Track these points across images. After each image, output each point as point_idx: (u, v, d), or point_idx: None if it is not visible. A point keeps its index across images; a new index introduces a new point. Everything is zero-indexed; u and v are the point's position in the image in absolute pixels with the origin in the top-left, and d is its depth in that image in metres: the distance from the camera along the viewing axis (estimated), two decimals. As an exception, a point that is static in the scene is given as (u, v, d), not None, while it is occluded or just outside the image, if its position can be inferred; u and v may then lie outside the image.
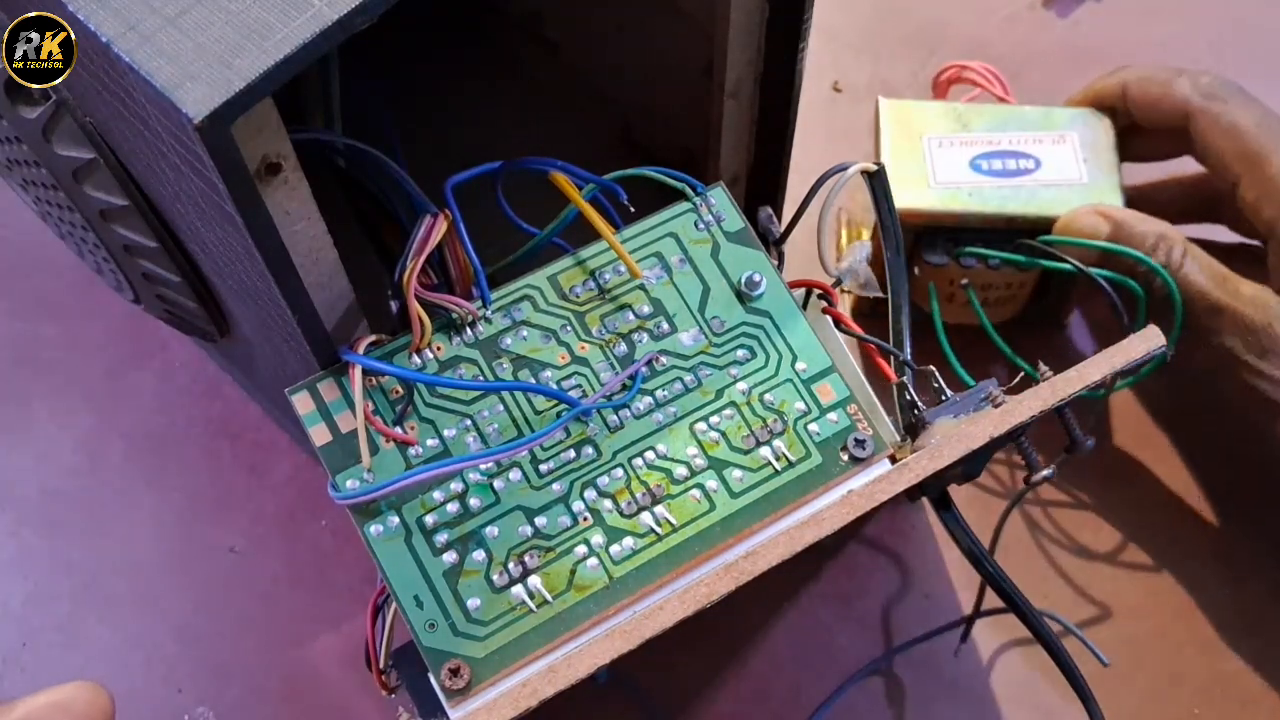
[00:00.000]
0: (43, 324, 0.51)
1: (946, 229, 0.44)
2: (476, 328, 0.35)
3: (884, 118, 0.46)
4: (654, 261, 0.36)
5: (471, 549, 0.32)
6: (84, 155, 0.32)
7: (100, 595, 0.46)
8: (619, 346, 0.35)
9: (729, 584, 0.30)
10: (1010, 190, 0.44)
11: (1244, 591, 0.45)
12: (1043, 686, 0.43)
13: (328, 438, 0.33)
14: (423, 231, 0.33)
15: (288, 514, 0.47)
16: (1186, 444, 0.48)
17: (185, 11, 0.25)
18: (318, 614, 0.45)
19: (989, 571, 0.36)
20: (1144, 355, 0.33)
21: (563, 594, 0.32)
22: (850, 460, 0.34)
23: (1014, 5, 0.58)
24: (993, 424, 0.32)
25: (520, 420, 0.34)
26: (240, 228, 0.27)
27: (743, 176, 0.43)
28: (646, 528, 0.33)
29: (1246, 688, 0.44)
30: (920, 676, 0.44)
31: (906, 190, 0.44)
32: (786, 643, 0.45)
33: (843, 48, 0.57)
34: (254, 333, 0.37)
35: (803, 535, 0.30)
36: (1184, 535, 0.46)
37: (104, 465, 0.48)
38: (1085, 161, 0.44)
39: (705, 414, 0.34)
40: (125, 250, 0.35)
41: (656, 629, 0.29)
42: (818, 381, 0.35)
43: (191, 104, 0.24)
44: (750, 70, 0.39)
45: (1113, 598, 0.45)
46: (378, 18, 0.25)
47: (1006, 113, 0.46)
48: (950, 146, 0.45)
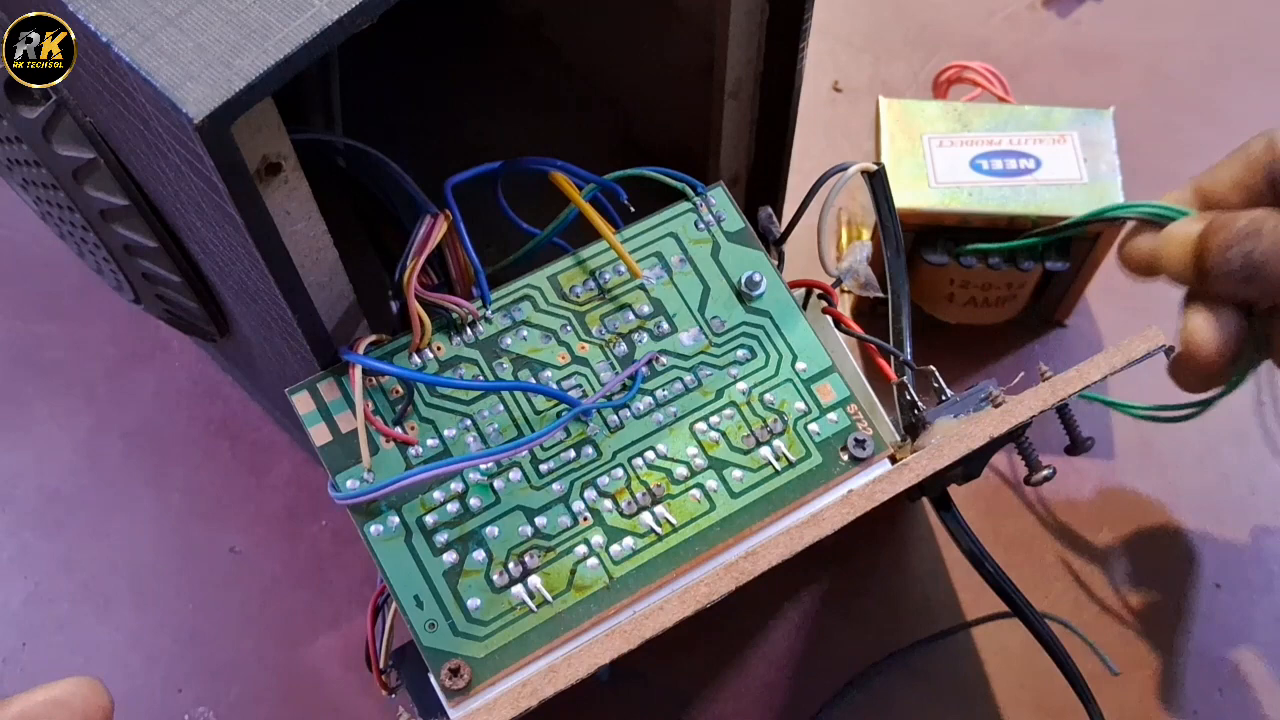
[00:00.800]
0: (43, 324, 0.51)
1: (947, 229, 0.44)
2: (476, 328, 0.35)
3: (884, 117, 0.46)
4: (654, 261, 0.36)
5: (472, 549, 0.32)
6: (84, 155, 0.32)
7: (100, 595, 0.46)
8: (619, 346, 0.35)
9: (729, 584, 0.30)
10: (1011, 190, 0.44)
11: (1244, 591, 0.45)
12: (1043, 688, 0.43)
13: (328, 438, 0.33)
14: (423, 231, 0.33)
15: (288, 514, 0.47)
16: (1188, 444, 0.48)
17: (185, 11, 0.25)
18: (318, 614, 0.45)
19: (989, 572, 0.36)
20: (1144, 355, 0.33)
21: (563, 594, 0.32)
22: (850, 460, 0.34)
23: (1014, 5, 0.58)
24: (993, 424, 0.32)
25: (520, 420, 0.34)
26: (240, 228, 0.27)
27: (743, 176, 0.43)
28: (646, 528, 0.33)
29: (1247, 686, 0.44)
30: (921, 678, 0.44)
31: (907, 190, 0.44)
32: (787, 643, 0.45)
33: (843, 48, 0.57)
34: (254, 333, 0.37)
35: (803, 535, 0.30)
36: (1184, 535, 0.46)
37: (104, 465, 0.48)
38: (1086, 161, 0.44)
39: (705, 414, 0.34)
40: (125, 250, 0.35)
41: (656, 629, 0.29)
42: (818, 381, 0.35)
43: (191, 104, 0.24)
44: (750, 70, 0.39)
45: (1113, 598, 0.45)
46: (378, 18, 0.25)
47: (1006, 112, 0.46)
48: (950, 146, 0.45)
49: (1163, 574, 0.46)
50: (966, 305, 0.46)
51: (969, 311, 0.47)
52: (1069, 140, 0.45)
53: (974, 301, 0.46)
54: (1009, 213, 0.43)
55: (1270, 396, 0.48)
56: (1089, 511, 0.47)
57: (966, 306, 0.46)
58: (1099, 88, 0.55)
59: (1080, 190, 0.43)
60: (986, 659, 0.44)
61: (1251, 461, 0.47)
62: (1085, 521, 0.46)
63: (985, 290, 0.46)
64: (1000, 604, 0.37)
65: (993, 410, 0.33)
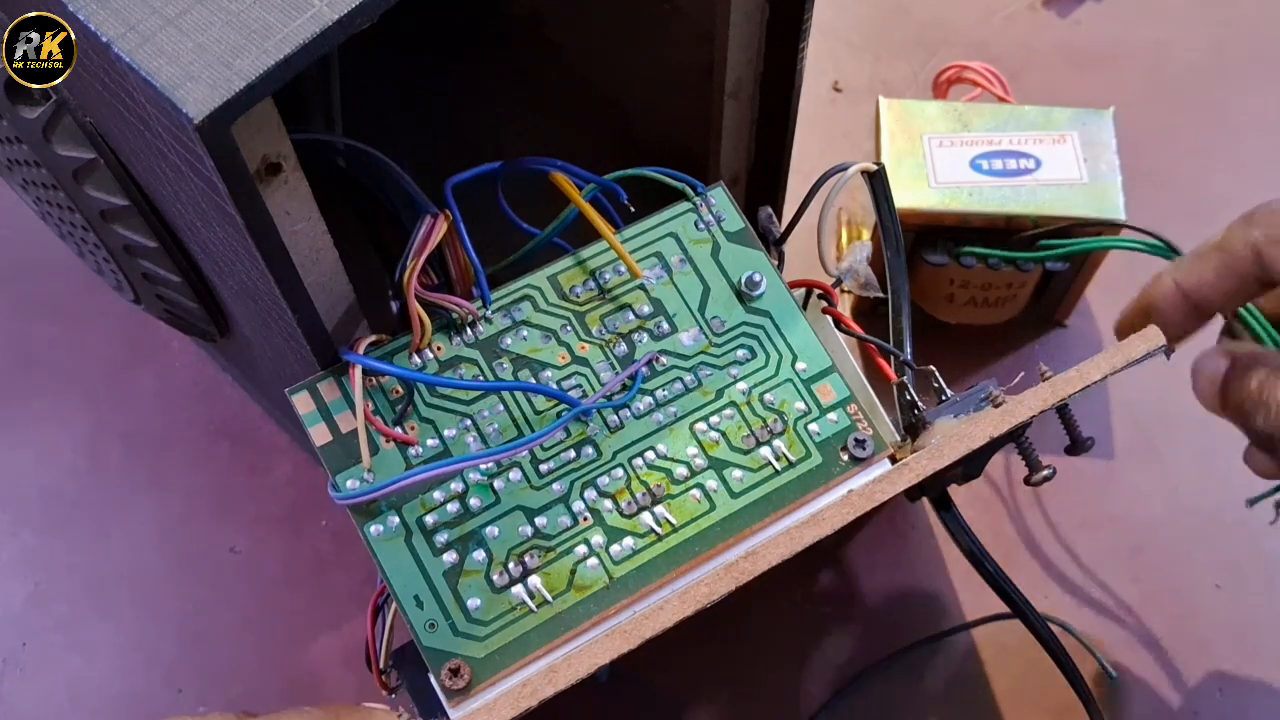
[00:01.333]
0: (43, 324, 0.51)
1: (947, 229, 0.44)
2: (477, 328, 0.35)
3: (884, 117, 0.46)
4: (654, 261, 0.36)
5: (472, 549, 0.32)
6: (84, 155, 0.32)
7: (100, 595, 0.46)
8: (619, 346, 0.35)
9: (729, 584, 0.30)
10: (1010, 190, 0.44)
11: (1244, 591, 0.45)
12: (1043, 688, 0.43)
13: (328, 438, 0.33)
14: (423, 232, 0.33)
15: (288, 514, 0.47)
16: (1188, 444, 0.48)
17: (185, 12, 0.25)
18: (318, 614, 0.45)
19: (989, 572, 0.36)
20: (1144, 355, 0.33)
21: (563, 594, 0.32)
22: (850, 460, 0.34)
23: (1014, 5, 0.58)
24: (993, 424, 0.32)
25: (520, 420, 0.34)
26: (240, 228, 0.27)
27: (743, 176, 0.43)
28: (646, 528, 0.33)
29: (1248, 686, 0.44)
30: (921, 677, 0.44)
31: (907, 190, 0.44)
32: (787, 643, 0.45)
33: (843, 48, 0.57)
34: (254, 333, 0.37)
35: (803, 535, 0.30)
36: (1184, 536, 0.46)
37: (104, 465, 0.48)
38: (1085, 161, 0.44)
39: (705, 414, 0.34)
40: (125, 250, 0.35)
41: (656, 629, 0.29)
42: (818, 381, 0.35)
43: (192, 104, 0.24)
44: (750, 70, 0.39)
45: (1113, 599, 0.45)
46: (378, 18, 0.25)
47: (1007, 112, 0.46)
48: (950, 146, 0.45)
49: (1163, 574, 0.46)
50: (966, 305, 0.46)
51: (969, 311, 0.47)
52: (1069, 140, 0.45)
53: (974, 301, 0.46)
54: (1009, 212, 0.43)
55: None
56: (1089, 512, 0.47)
57: (966, 306, 0.46)
58: (1099, 88, 0.55)
59: (1080, 190, 0.43)
60: (987, 659, 0.44)
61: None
62: (1085, 522, 0.47)
63: (985, 290, 0.46)
64: (1000, 604, 0.37)
65: (993, 410, 0.33)
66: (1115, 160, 0.44)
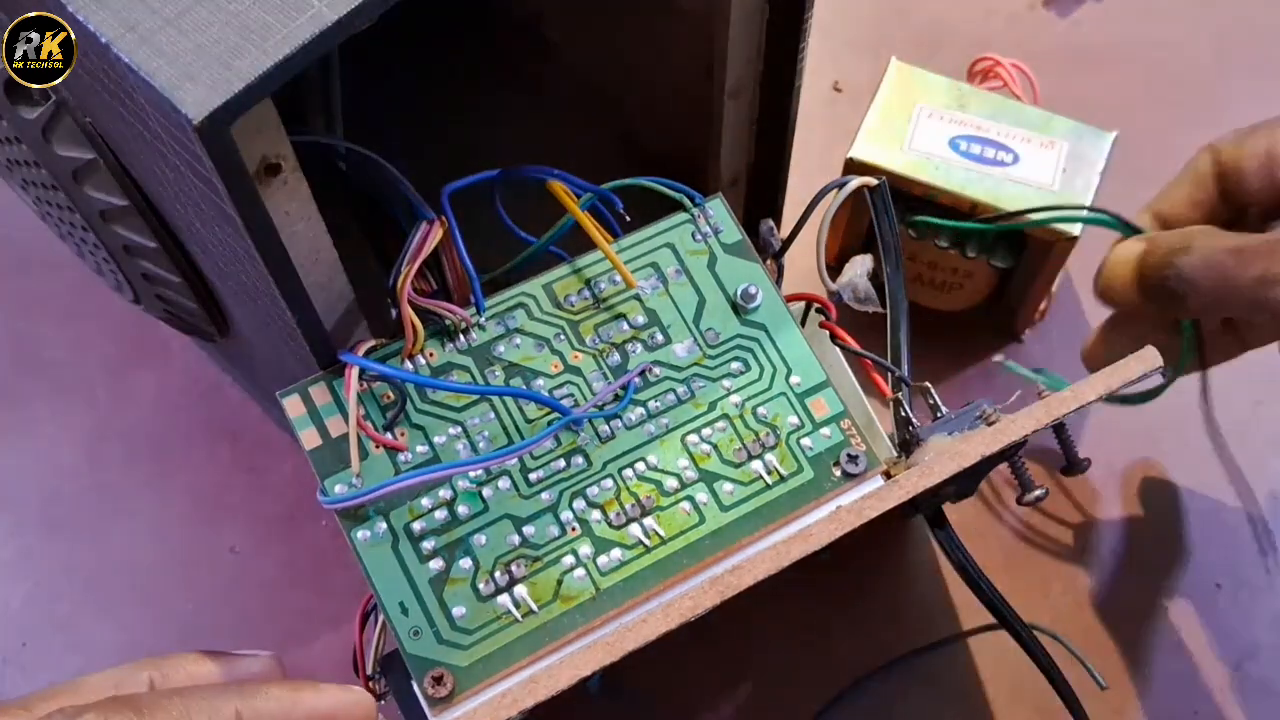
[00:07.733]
0: (43, 324, 0.51)
1: (915, 198, 0.44)
2: (470, 335, 0.35)
3: (889, 76, 0.45)
4: (650, 272, 0.36)
5: (458, 557, 0.32)
6: (84, 155, 0.32)
7: (100, 595, 0.46)
8: (612, 356, 0.35)
9: (714, 598, 0.30)
10: (977, 175, 0.43)
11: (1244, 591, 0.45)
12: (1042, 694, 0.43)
13: (317, 442, 0.33)
14: (418, 238, 0.33)
15: (288, 514, 0.47)
16: (1187, 444, 0.47)
17: (185, 12, 0.25)
18: (317, 614, 0.45)
19: (982, 589, 0.36)
20: (1140, 375, 0.33)
21: (549, 604, 0.32)
22: (843, 476, 0.34)
23: (1014, 5, 0.57)
24: (985, 442, 0.32)
25: (511, 428, 0.34)
26: (240, 228, 0.27)
27: (743, 177, 0.43)
28: (635, 539, 0.33)
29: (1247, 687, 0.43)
30: (920, 684, 0.44)
31: (878, 146, 0.43)
32: (785, 650, 0.44)
33: (843, 48, 0.56)
34: (254, 333, 0.37)
35: (790, 550, 0.30)
36: (1184, 537, 0.46)
37: (104, 466, 0.48)
38: (1064, 172, 0.43)
39: (697, 426, 0.34)
40: (125, 250, 0.35)
41: (639, 642, 0.29)
42: (812, 396, 0.35)
43: (191, 104, 0.24)
44: (750, 70, 0.38)
45: (1112, 603, 0.45)
46: (377, 19, 0.25)
47: (1009, 107, 0.45)
48: (938, 120, 0.44)
49: (1162, 575, 0.45)
50: (914, 281, 0.45)
51: (915, 289, 0.46)
52: (1056, 148, 0.44)
53: (921, 279, 0.46)
54: (970, 196, 0.43)
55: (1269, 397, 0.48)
56: (1086, 517, 0.46)
57: (914, 283, 0.45)
58: (1099, 88, 0.55)
59: (1047, 197, 0.43)
60: (985, 666, 0.44)
61: (1251, 461, 0.47)
62: (1083, 527, 0.46)
63: (932, 269, 0.45)
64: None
65: (986, 429, 0.32)
66: (1095, 181, 0.43)
